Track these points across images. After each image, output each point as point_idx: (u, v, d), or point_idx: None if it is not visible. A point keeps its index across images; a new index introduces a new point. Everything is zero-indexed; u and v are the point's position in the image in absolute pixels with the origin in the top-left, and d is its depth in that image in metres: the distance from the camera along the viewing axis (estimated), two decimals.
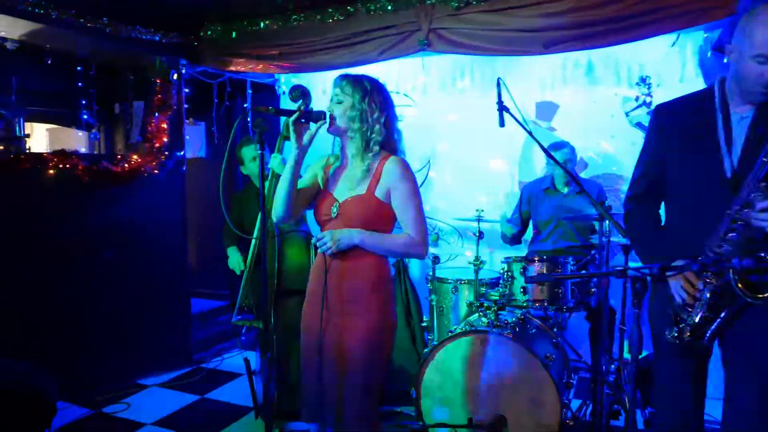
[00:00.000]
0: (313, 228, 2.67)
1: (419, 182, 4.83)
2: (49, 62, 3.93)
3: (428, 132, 4.69)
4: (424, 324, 3.70)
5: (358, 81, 2.11)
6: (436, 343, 2.89)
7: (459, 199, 4.59)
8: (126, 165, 4.01)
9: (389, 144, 2.14)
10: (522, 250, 3.98)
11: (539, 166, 4.35)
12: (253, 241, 3.30)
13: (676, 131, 1.88)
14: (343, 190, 2.11)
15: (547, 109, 4.33)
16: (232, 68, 4.19)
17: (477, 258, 3.14)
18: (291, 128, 2.05)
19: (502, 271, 3.04)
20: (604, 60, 4.07)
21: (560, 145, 3.76)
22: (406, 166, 2.10)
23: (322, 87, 4.99)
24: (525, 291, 2.91)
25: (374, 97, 2.10)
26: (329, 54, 3.76)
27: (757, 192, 1.63)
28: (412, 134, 4.68)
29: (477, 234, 3.20)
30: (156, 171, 4.17)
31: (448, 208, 4.55)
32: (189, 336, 4.51)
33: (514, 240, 4.01)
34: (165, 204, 4.29)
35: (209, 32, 4.16)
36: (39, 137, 5.18)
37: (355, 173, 2.09)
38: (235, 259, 3.46)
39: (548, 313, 3.24)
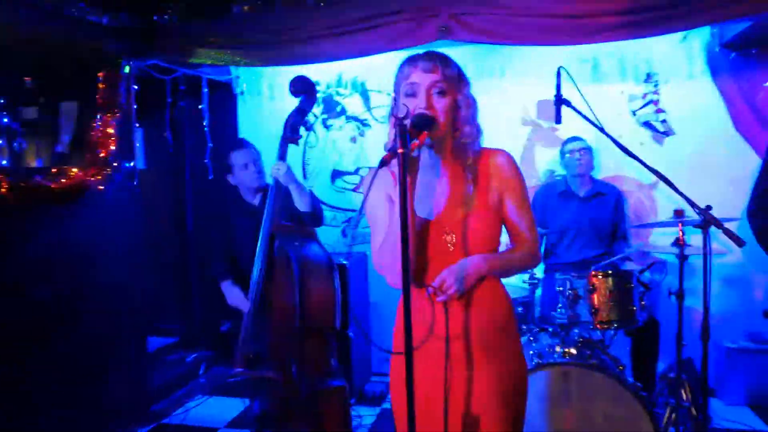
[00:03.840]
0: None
1: None
2: None
3: None
4: None
5: (456, 65, 1.61)
6: None
7: None
8: (63, 180, 3.18)
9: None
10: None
11: (541, 168, 4.04)
12: (256, 270, 2.68)
13: None
14: (445, 209, 1.59)
15: (549, 108, 4.03)
16: (197, 60, 3.47)
17: (531, 275, 2.72)
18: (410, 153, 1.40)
19: (560, 289, 2.65)
20: (610, 55, 3.84)
21: (578, 139, 3.49)
22: (514, 160, 1.64)
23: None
24: (596, 311, 2.53)
25: (468, 84, 1.64)
26: (330, 42, 3.18)
27: None
28: None
29: None
30: (101, 186, 3.36)
31: None
32: (145, 384, 3.70)
33: None
34: (113, 225, 3.47)
35: (166, 16, 3.43)
36: None
37: (453, 183, 1.60)
38: (236, 295, 2.77)
39: (592, 333, 2.91)
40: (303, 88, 2.86)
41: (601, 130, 2.46)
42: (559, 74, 2.52)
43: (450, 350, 1.55)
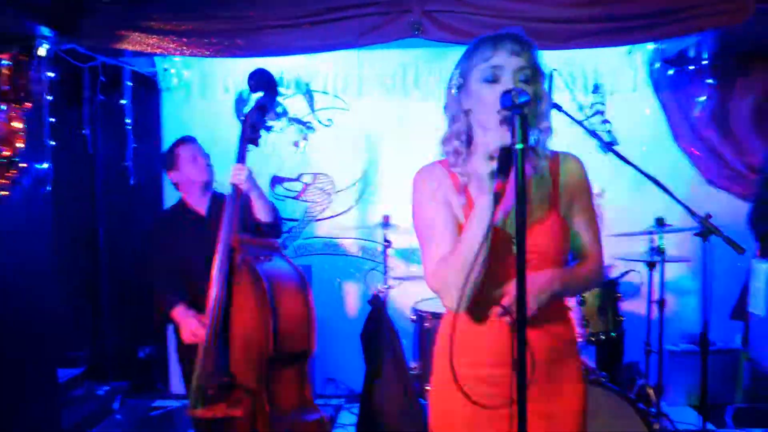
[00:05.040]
0: None
1: (353, 199, 4.14)
2: None
3: (365, 141, 4.02)
4: (414, 372, 3.06)
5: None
6: None
7: (404, 218, 3.99)
8: None
9: None
10: None
11: None
12: (215, 291, 2.31)
13: None
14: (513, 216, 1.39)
15: None
16: (126, 46, 2.99)
17: None
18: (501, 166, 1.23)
19: None
20: (561, 65, 3.86)
21: None
22: (584, 167, 1.50)
23: (222, 83, 3.99)
24: (587, 323, 2.45)
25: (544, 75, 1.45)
26: (290, 33, 2.87)
27: None
28: (346, 144, 4.01)
29: None
30: (5, 192, 2.79)
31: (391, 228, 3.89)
32: (58, 424, 3.12)
33: None
34: (20, 238, 2.90)
35: None
36: None
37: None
38: (194, 326, 2.34)
39: None
40: (263, 82, 2.55)
41: (594, 134, 2.40)
42: (551, 78, 2.43)
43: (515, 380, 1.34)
